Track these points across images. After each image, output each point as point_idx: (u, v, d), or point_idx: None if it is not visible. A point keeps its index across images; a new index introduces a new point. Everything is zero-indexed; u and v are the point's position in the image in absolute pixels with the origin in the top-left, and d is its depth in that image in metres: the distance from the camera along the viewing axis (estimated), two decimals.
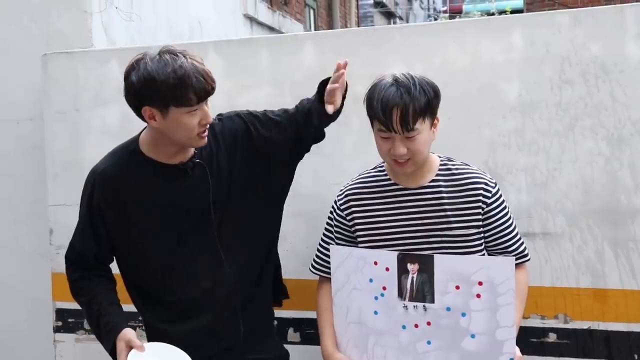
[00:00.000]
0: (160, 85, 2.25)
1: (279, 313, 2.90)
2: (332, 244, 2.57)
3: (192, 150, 2.48)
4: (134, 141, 2.52)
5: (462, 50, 3.04)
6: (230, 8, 6.95)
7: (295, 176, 2.72)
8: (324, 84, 2.57)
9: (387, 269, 2.37)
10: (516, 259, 2.40)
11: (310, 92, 3.20)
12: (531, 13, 3.18)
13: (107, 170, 2.50)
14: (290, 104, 3.19)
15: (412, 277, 2.34)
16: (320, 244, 2.65)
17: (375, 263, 2.40)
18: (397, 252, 2.37)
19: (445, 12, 35.69)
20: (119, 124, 3.52)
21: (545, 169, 2.95)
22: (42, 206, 3.78)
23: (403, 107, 2.26)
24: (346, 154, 3.16)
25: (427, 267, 2.32)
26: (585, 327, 2.94)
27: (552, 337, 2.97)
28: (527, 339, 2.89)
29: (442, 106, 2.39)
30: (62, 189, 3.64)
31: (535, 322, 2.97)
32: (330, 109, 2.51)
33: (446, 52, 3.06)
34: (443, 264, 2.31)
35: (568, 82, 2.92)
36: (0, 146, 4.09)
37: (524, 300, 2.50)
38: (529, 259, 2.54)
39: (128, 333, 2.39)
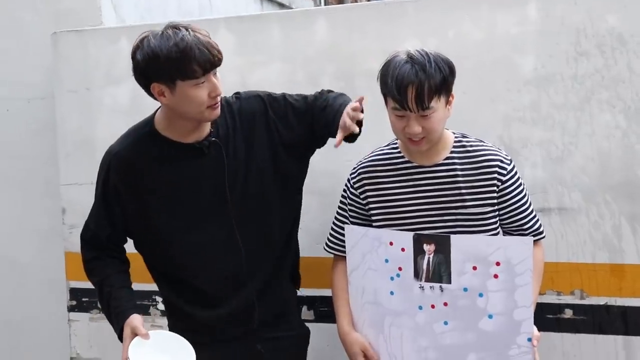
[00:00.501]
0: (164, 61, 2.24)
1: None
2: (346, 222, 2.56)
3: (208, 129, 2.46)
4: (149, 121, 2.50)
5: (476, 23, 2.98)
6: None
7: None
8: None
9: (403, 250, 2.36)
10: (533, 237, 2.38)
11: (322, 67, 3.19)
12: None
13: (122, 151, 2.49)
14: (302, 80, 3.18)
15: (429, 258, 2.33)
16: (334, 222, 2.63)
17: (391, 243, 2.39)
18: (412, 233, 2.35)
19: None
20: (130, 102, 3.49)
21: (561, 143, 2.90)
22: (54, 185, 3.76)
23: (418, 85, 2.22)
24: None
25: (443, 248, 2.30)
26: (602, 303, 2.91)
27: (568, 313, 2.94)
28: (543, 315, 2.86)
29: (456, 81, 2.36)
30: (74, 168, 3.62)
31: (551, 298, 2.94)
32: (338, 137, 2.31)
33: (460, 25, 3.00)
34: (460, 244, 2.29)
35: (584, 55, 2.86)
36: (12, 125, 4.07)
37: (540, 277, 2.48)
38: (544, 237, 2.51)
39: (135, 320, 2.40)
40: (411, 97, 2.23)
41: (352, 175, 2.55)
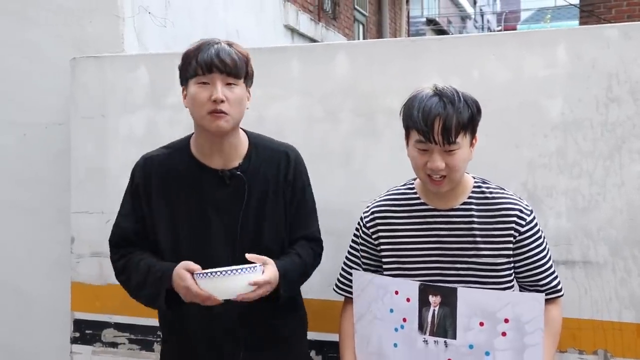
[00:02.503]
0: (184, 58, 2.37)
1: None
2: (357, 262, 2.46)
3: (237, 159, 2.45)
4: (188, 137, 2.53)
5: (502, 64, 2.87)
6: (271, 18, 6.85)
7: (323, 192, 2.72)
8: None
9: (408, 300, 2.25)
10: (548, 294, 2.25)
11: (342, 104, 3.10)
12: (578, 27, 3.00)
13: (154, 158, 2.51)
14: (320, 116, 3.10)
15: (434, 310, 2.21)
16: (345, 263, 2.52)
17: (396, 292, 2.28)
18: (418, 282, 2.24)
19: (499, 31, 35.34)
20: (145, 132, 3.43)
21: (588, 192, 2.76)
22: (66, 214, 3.69)
23: (446, 118, 2.13)
24: (377, 169, 3.01)
25: (449, 300, 2.19)
26: None
27: None
28: None
29: (479, 122, 2.24)
30: (85, 196, 3.55)
31: (572, 357, 2.77)
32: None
33: (486, 65, 2.89)
34: (467, 297, 2.17)
35: (615, 101, 2.73)
36: (29, 151, 4.02)
37: (556, 338, 2.30)
38: (562, 295, 2.34)
39: (185, 264, 2.30)
40: (438, 129, 2.13)
41: (366, 214, 2.44)
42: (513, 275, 2.29)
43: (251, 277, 2.22)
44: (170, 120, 3.39)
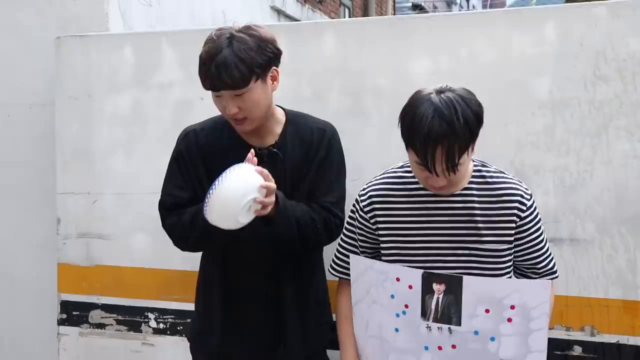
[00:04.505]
0: (198, 68, 2.35)
1: None
2: (354, 244, 2.41)
3: (272, 137, 2.51)
4: None
5: (490, 42, 2.86)
6: None
7: None
8: None
9: (410, 287, 2.20)
10: (545, 277, 2.26)
11: (330, 84, 3.07)
12: (566, 5, 2.99)
13: (198, 131, 2.55)
14: (309, 96, 3.07)
15: (438, 298, 2.17)
16: (340, 244, 2.47)
17: (398, 279, 2.22)
18: (422, 271, 2.18)
19: None
20: (131, 111, 3.40)
21: (576, 170, 2.77)
22: (52, 194, 3.66)
23: (447, 151, 2.02)
24: (365, 149, 2.99)
25: (454, 289, 2.14)
26: (613, 341, 2.76)
27: (577, 350, 2.79)
28: (551, 351, 2.67)
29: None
30: (72, 177, 3.52)
31: (559, 334, 2.79)
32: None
33: (473, 44, 2.88)
34: (472, 286, 2.13)
35: (603, 79, 2.73)
36: (12, 132, 3.97)
37: (549, 318, 2.31)
38: (557, 277, 2.35)
39: None
40: (440, 160, 2.03)
41: (362, 198, 2.35)
42: (512, 261, 2.27)
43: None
44: (156, 99, 3.36)
